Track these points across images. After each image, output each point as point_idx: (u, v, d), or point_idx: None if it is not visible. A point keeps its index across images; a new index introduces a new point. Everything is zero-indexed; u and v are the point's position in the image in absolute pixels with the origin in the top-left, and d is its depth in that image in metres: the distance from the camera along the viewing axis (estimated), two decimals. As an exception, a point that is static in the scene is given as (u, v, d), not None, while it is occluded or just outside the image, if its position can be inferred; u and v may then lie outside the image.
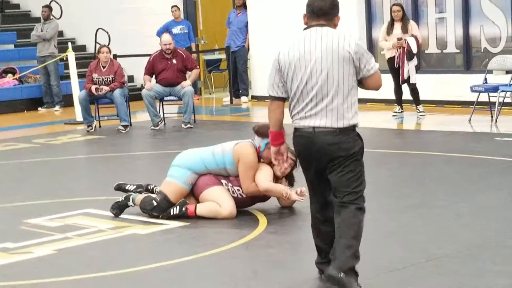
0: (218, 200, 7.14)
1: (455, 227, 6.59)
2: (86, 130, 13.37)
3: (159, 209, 7.21)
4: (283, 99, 5.13)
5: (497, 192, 7.70)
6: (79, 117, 14.20)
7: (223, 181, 7.22)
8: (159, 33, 16.47)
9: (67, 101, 16.60)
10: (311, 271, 5.66)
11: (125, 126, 13.27)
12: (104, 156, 11.26)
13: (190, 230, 6.90)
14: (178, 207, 7.19)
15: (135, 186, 7.74)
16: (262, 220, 7.06)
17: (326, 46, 4.99)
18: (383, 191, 8.04)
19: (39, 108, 17.27)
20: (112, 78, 13.39)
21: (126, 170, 10.11)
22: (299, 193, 7.06)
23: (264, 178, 7.11)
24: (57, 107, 17.19)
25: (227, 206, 7.11)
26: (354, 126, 5.07)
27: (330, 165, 5.05)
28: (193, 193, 7.33)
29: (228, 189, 7.21)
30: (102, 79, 13.40)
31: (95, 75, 13.41)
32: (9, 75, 17.64)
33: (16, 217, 7.62)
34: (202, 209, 7.17)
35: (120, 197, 7.51)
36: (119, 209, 7.42)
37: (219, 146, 7.33)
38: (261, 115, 15.56)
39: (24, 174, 10.14)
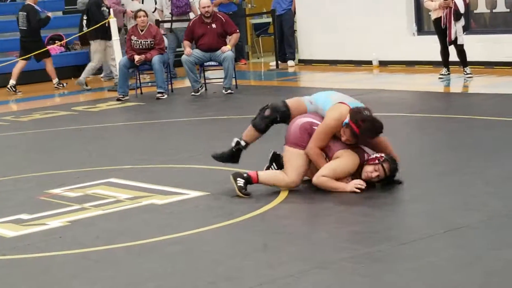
0: (288, 163, 6.75)
1: (482, 195, 6.28)
2: (116, 99, 13.24)
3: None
4: None
5: (533, 158, 7.36)
6: (121, 83, 14.11)
7: None
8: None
9: (113, 68, 16.53)
10: (322, 243, 5.47)
11: (161, 93, 13.14)
12: (139, 123, 11.16)
13: (208, 200, 6.73)
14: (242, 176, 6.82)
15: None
16: (284, 189, 6.83)
17: None
18: (413, 157, 7.76)
19: (86, 75, 17.23)
20: (150, 41, 13.26)
21: (159, 137, 9.99)
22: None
23: (325, 171, 6.62)
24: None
25: (292, 175, 6.72)
26: None
27: None
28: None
29: None
30: (141, 42, 13.27)
31: (134, 38, 13.30)
32: (57, 42, 17.63)
33: (38, 187, 7.55)
34: (264, 176, 6.83)
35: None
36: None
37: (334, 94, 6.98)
38: (307, 79, 15.33)
39: (55, 142, 10.10)
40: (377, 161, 6.59)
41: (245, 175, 6.78)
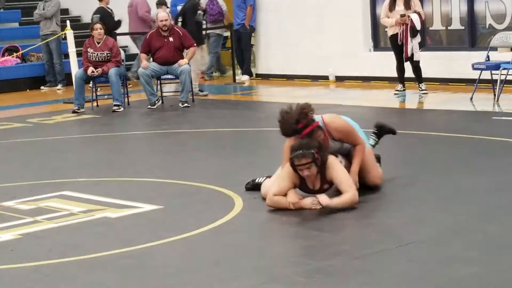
0: (278, 177, 6.76)
1: (434, 211, 6.35)
2: (72, 111, 13.12)
3: None
4: None
5: (485, 174, 7.44)
6: (77, 96, 14.00)
7: None
8: (173, 13, 16.00)
9: (70, 80, 16.42)
10: (275, 257, 5.48)
11: (118, 106, 13.08)
12: (95, 136, 11.09)
13: (162, 214, 6.71)
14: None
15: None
16: (238, 203, 6.85)
17: None
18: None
19: (42, 87, 17.12)
20: (107, 54, 13.22)
21: (114, 150, 9.95)
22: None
23: (273, 189, 6.59)
24: (59, 86, 17.06)
25: (272, 186, 6.67)
26: None
27: None
28: None
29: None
30: (97, 54, 13.23)
31: (90, 50, 13.25)
32: (13, 53, 17.50)
33: (-11, 199, 7.47)
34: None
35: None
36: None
37: None
38: (264, 93, 15.36)
39: (9, 155, 10.00)
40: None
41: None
